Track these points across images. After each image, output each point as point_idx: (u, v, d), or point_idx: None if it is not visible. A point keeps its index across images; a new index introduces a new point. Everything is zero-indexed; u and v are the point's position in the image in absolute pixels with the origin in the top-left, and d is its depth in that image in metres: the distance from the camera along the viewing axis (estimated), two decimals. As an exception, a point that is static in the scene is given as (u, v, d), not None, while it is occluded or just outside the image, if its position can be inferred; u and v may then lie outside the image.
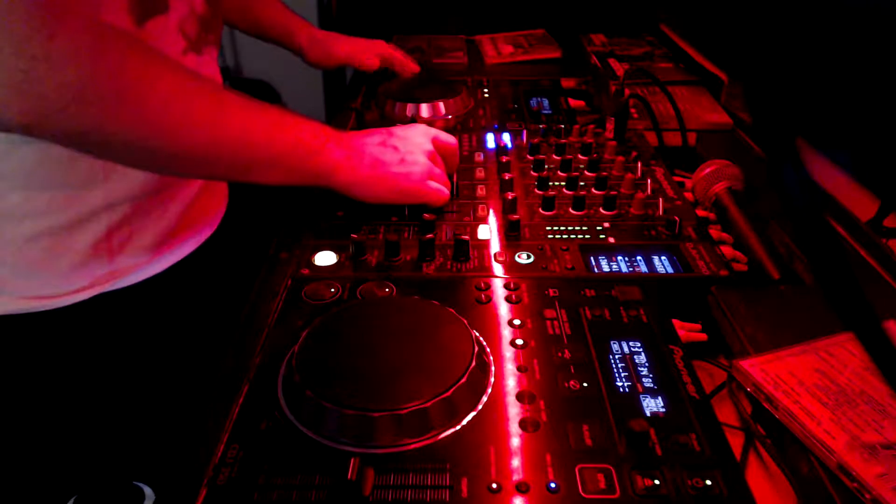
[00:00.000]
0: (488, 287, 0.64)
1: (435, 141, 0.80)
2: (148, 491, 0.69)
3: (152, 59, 0.58)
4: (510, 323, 0.59)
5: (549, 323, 0.59)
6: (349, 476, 0.43)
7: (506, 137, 0.96)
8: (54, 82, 0.50)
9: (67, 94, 0.51)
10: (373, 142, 0.76)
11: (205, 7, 0.74)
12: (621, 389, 0.52)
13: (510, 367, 0.54)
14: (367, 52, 1.20)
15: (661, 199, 0.78)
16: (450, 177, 0.80)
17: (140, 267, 0.73)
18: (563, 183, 0.82)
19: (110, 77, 0.54)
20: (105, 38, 0.54)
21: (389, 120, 1.03)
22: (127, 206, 0.69)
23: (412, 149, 0.76)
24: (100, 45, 0.53)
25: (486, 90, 1.18)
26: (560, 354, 0.55)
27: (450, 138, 0.82)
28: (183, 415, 0.55)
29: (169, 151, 0.60)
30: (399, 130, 0.79)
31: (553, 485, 0.44)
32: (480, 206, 0.79)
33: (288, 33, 1.19)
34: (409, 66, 1.23)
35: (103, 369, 0.72)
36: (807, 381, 0.52)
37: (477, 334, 0.56)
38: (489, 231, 0.74)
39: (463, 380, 0.50)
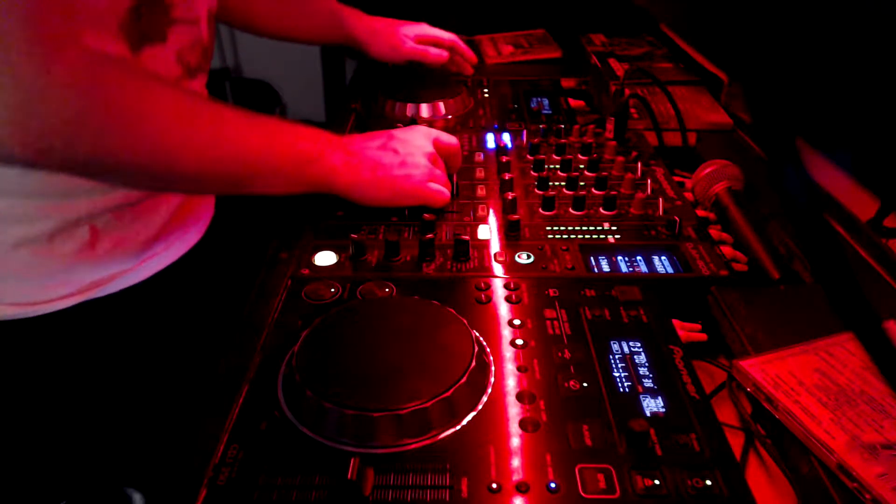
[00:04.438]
0: (488, 287, 0.64)
1: (436, 142, 0.80)
2: (137, 497, 0.69)
3: (149, 85, 0.59)
4: (510, 323, 0.59)
5: (549, 323, 0.59)
6: (349, 476, 0.43)
7: (506, 137, 0.96)
8: (53, 113, 0.51)
9: (67, 123, 0.52)
10: (373, 145, 0.76)
11: (208, 37, 0.74)
12: (621, 389, 0.52)
13: (510, 367, 0.54)
14: (433, 48, 1.16)
15: (661, 199, 0.78)
16: (450, 177, 0.80)
17: (126, 273, 0.73)
18: (563, 183, 0.82)
19: (109, 105, 0.54)
20: (102, 67, 0.54)
21: (389, 120, 1.03)
22: (112, 213, 0.69)
23: (412, 151, 0.76)
24: (97, 74, 0.53)
25: (486, 90, 1.17)
26: (560, 354, 0.55)
27: (451, 139, 0.82)
28: (180, 416, 0.55)
29: (171, 174, 0.61)
30: (399, 133, 0.79)
31: (553, 485, 0.44)
32: (480, 206, 0.79)
33: (340, 28, 1.13)
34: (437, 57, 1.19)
35: (91, 375, 0.72)
36: (807, 381, 0.52)
37: (477, 334, 0.56)
38: (489, 231, 0.74)
39: (463, 380, 0.50)
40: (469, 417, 0.50)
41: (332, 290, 0.63)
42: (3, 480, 0.71)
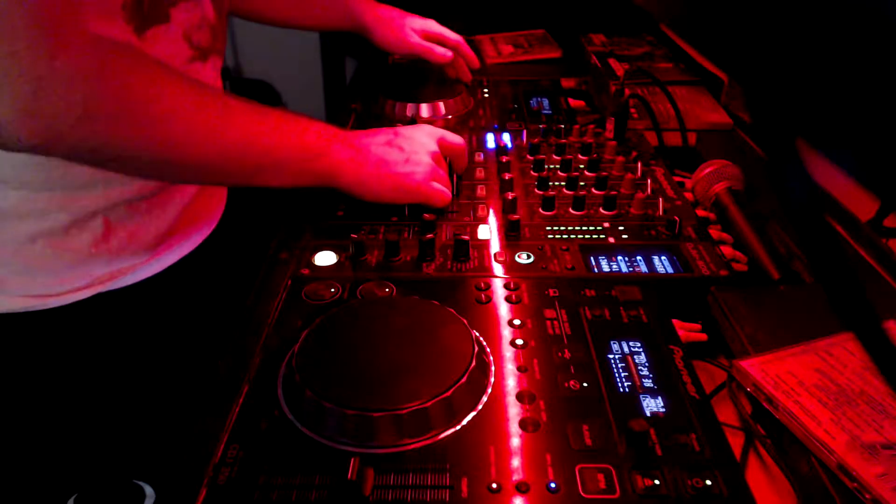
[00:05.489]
0: (488, 287, 0.64)
1: (441, 142, 0.80)
2: (149, 490, 0.69)
3: (157, 72, 0.58)
4: (510, 323, 0.59)
5: (549, 323, 0.59)
6: (349, 476, 0.43)
7: (506, 137, 0.96)
8: (61, 101, 0.51)
9: (74, 112, 0.52)
10: (378, 141, 0.76)
11: (215, 15, 0.74)
12: (621, 389, 0.52)
13: (510, 367, 0.54)
14: (439, 46, 1.12)
15: (661, 199, 0.78)
16: (450, 177, 0.80)
17: (139, 266, 0.73)
18: (563, 183, 0.82)
19: (115, 93, 0.54)
20: (109, 54, 0.54)
21: (389, 120, 1.03)
22: (126, 206, 0.69)
23: (417, 149, 0.76)
24: (104, 62, 0.53)
25: (486, 90, 1.17)
26: (560, 354, 0.55)
27: (457, 139, 0.82)
28: (183, 414, 0.55)
29: (177, 163, 0.61)
30: (405, 130, 0.79)
31: (553, 485, 0.44)
32: (480, 206, 0.79)
33: (347, 13, 1.11)
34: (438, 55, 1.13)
35: (103, 368, 0.72)
36: (807, 381, 0.52)
37: (477, 334, 0.56)
38: (489, 231, 0.74)
39: (463, 380, 0.50)
40: (469, 417, 0.50)
41: (332, 290, 0.63)
42: (15, 474, 0.71)
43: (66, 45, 0.50)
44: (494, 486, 0.44)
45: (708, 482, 0.44)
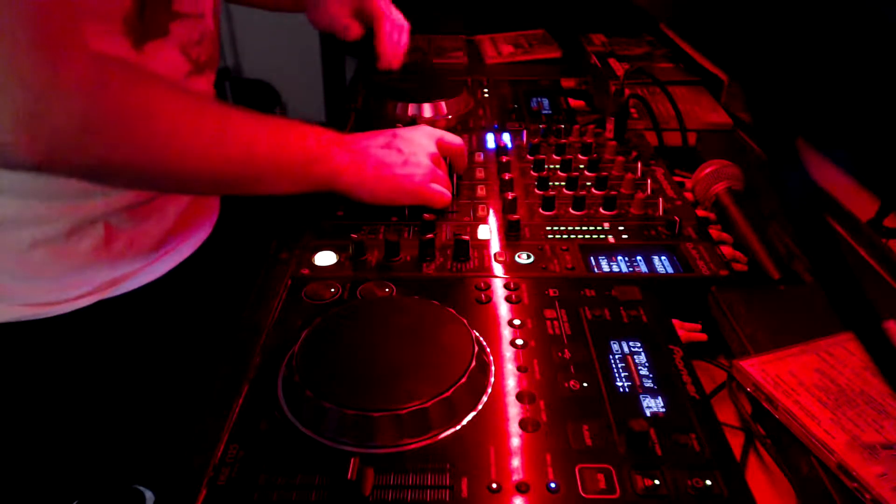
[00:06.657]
0: (488, 287, 0.64)
1: (439, 142, 0.80)
2: (149, 494, 0.69)
3: (156, 87, 0.59)
4: (510, 323, 0.59)
5: (549, 323, 0.59)
6: (349, 476, 0.43)
7: (506, 137, 0.96)
8: (61, 118, 0.51)
9: (75, 127, 0.52)
10: (377, 143, 0.76)
11: (215, 30, 0.74)
12: (621, 389, 0.52)
13: (510, 367, 0.54)
14: (347, 17, 0.99)
15: (661, 199, 0.78)
16: (450, 177, 0.80)
17: (139, 272, 0.73)
18: (563, 183, 0.82)
19: (115, 108, 0.55)
20: (109, 70, 0.54)
21: (389, 120, 1.03)
22: (126, 211, 0.69)
23: (416, 150, 0.76)
24: (103, 77, 0.54)
25: (486, 90, 1.17)
26: (560, 354, 0.55)
27: (455, 139, 0.82)
28: (184, 416, 0.55)
29: (178, 175, 0.62)
30: (403, 132, 0.79)
31: (553, 485, 0.44)
32: (480, 206, 0.79)
33: None
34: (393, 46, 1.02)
35: (104, 374, 0.72)
36: (807, 381, 0.52)
37: (477, 334, 0.56)
38: (489, 231, 0.74)
39: (463, 380, 0.50)
40: (469, 417, 0.50)
41: (332, 290, 0.63)
42: (16, 481, 0.71)
43: (67, 62, 0.50)
44: (494, 486, 0.44)
45: (708, 482, 0.44)
